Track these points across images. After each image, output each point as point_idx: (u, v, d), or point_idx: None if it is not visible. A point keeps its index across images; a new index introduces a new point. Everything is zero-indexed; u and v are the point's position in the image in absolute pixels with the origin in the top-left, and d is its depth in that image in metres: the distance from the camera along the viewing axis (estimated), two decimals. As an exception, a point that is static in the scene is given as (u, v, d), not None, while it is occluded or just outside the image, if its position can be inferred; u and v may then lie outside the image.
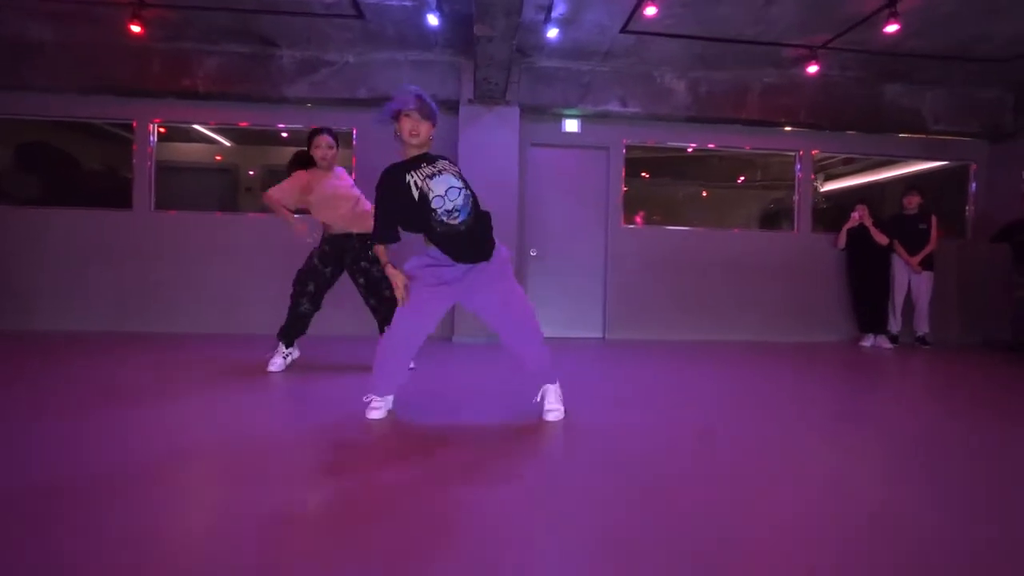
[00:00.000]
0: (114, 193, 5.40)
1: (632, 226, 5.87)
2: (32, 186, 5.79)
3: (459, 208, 2.17)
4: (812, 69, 4.98)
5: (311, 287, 3.35)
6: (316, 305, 3.42)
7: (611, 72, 5.48)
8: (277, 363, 3.37)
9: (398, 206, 2.19)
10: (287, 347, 3.43)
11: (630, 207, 5.93)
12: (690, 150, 6.10)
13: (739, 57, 5.21)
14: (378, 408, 2.40)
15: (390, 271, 2.28)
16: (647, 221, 6.12)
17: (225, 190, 6.42)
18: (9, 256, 5.21)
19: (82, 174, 5.98)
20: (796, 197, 6.04)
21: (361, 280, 3.40)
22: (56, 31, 4.90)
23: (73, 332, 5.05)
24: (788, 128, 5.89)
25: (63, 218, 5.28)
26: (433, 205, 2.14)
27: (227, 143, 6.18)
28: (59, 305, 5.24)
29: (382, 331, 3.26)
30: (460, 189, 2.19)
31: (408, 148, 2.24)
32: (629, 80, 5.50)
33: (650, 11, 4.01)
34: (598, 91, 5.48)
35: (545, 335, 2.44)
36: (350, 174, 3.61)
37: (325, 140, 3.37)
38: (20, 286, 5.20)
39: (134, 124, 5.35)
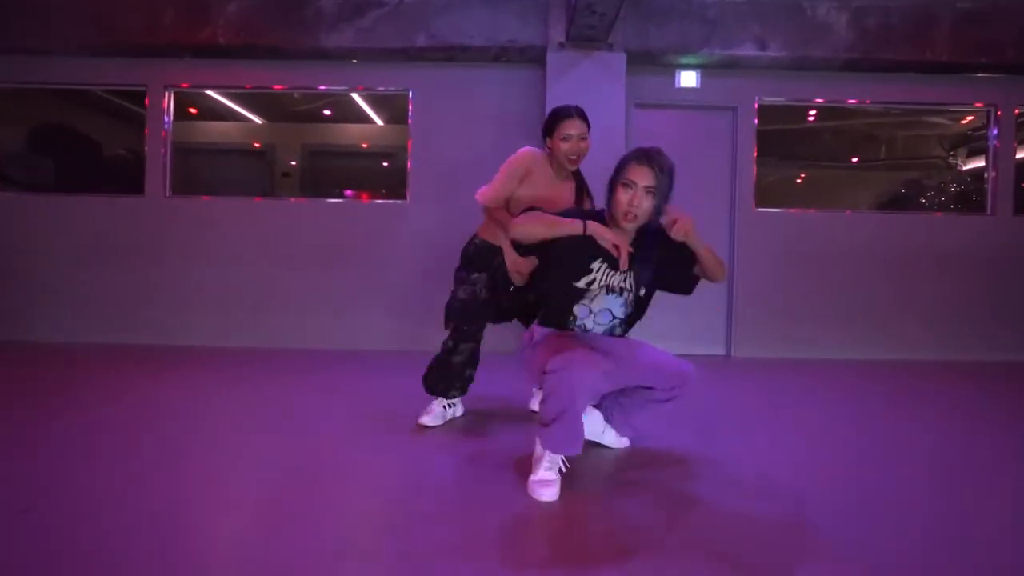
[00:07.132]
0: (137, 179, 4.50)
1: (769, 209, 4.49)
2: (45, 171, 4.96)
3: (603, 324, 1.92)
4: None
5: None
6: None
7: (746, 4, 4.12)
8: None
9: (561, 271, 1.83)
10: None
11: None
12: (811, 118, 4.68)
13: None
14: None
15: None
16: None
17: (261, 175, 5.44)
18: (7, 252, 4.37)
19: (104, 159, 5.12)
20: (992, 173, 4.49)
21: None
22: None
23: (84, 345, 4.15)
24: (982, 74, 4.37)
25: (65, 206, 4.41)
26: (584, 302, 1.86)
27: (259, 120, 5.17)
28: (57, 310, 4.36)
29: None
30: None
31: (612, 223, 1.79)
32: (770, 13, 4.12)
33: None
34: (727, 30, 4.13)
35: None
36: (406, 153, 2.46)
37: (576, 127, 2.15)
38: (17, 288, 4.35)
39: (147, 102, 4.40)
